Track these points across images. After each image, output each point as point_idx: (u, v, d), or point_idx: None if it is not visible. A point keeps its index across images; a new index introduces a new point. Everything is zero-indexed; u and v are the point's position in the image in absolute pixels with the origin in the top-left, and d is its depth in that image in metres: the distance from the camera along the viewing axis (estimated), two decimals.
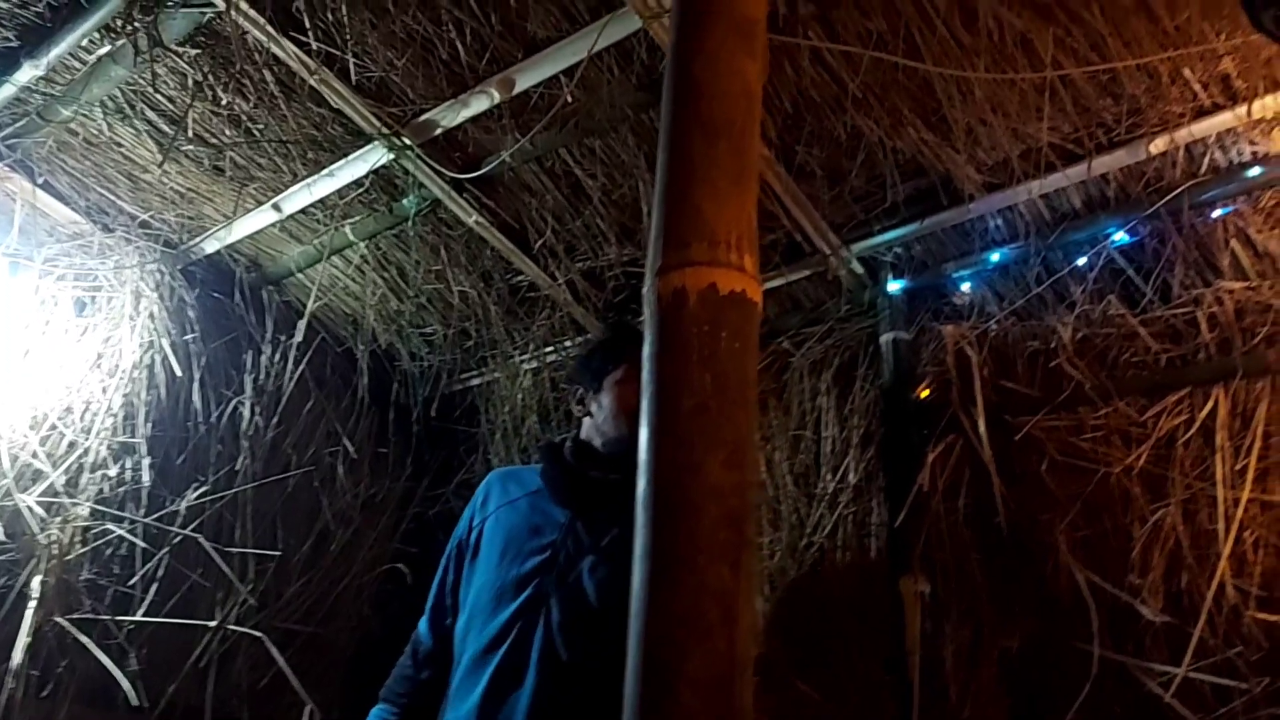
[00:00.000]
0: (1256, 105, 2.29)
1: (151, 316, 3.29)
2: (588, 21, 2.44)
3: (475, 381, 3.90)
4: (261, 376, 3.46)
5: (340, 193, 3.10)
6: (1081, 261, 2.74)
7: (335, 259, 3.43)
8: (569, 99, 2.61)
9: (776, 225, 2.94)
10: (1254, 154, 2.45)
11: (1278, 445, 2.32)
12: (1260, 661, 2.20)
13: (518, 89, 2.63)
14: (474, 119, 2.77)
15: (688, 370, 0.87)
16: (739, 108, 0.99)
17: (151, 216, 3.28)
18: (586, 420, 2.09)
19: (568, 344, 3.58)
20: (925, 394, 2.87)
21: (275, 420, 3.47)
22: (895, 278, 3.00)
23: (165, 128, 2.88)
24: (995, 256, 2.87)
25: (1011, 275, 2.89)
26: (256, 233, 3.33)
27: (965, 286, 2.98)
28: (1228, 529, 2.29)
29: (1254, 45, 2.17)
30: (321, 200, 3.13)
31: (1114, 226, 2.68)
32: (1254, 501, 2.30)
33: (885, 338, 2.94)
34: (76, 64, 2.67)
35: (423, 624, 2.12)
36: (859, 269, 3.04)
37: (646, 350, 0.91)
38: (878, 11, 2.28)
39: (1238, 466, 2.34)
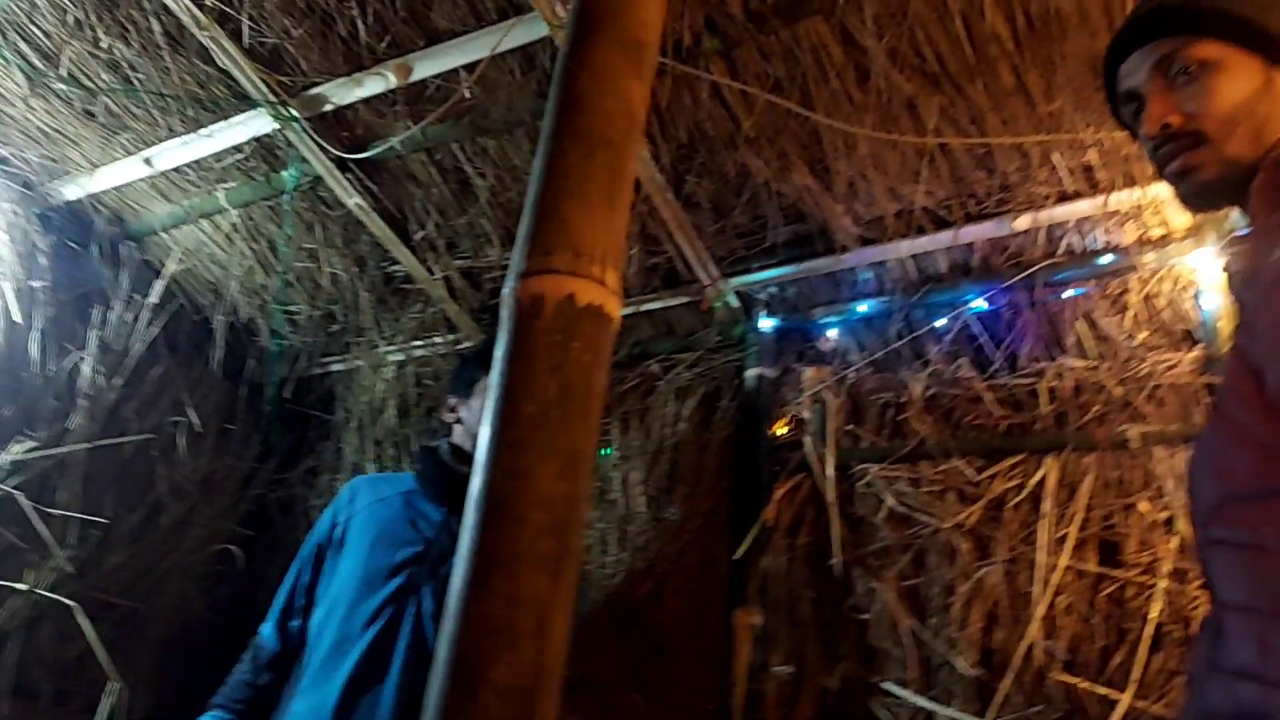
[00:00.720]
0: (1114, 198, 2.45)
1: None
2: (494, 21, 2.43)
3: (336, 367, 3.80)
4: (110, 335, 3.29)
5: (217, 155, 3.00)
6: (940, 323, 2.86)
7: (204, 223, 3.30)
8: (467, 94, 2.59)
9: (660, 250, 2.98)
10: (1107, 243, 2.62)
11: (1096, 519, 2.46)
12: None
13: (415, 76, 2.60)
14: (367, 100, 2.72)
15: (535, 377, 0.87)
16: (619, 127, 1.00)
17: (11, 153, 3.09)
18: (458, 427, 2.10)
19: (437, 340, 3.53)
20: (781, 431, 2.94)
21: (118, 381, 3.30)
22: (768, 315, 3.08)
23: (37, 62, 2.73)
24: (862, 307, 2.98)
25: (875, 327, 2.99)
26: (123, 185, 3.18)
27: (831, 333, 3.08)
28: (1043, 592, 2.42)
29: (1118, 141, 2.32)
30: (197, 161, 3.02)
31: (973, 294, 2.81)
32: (1070, 569, 2.43)
33: (751, 373, 3.01)
34: None
35: (266, 628, 2.05)
36: (734, 302, 3.10)
37: (498, 352, 0.91)
38: (778, 57, 2.35)
39: (1059, 534, 2.47)
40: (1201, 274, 2.48)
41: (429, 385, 3.66)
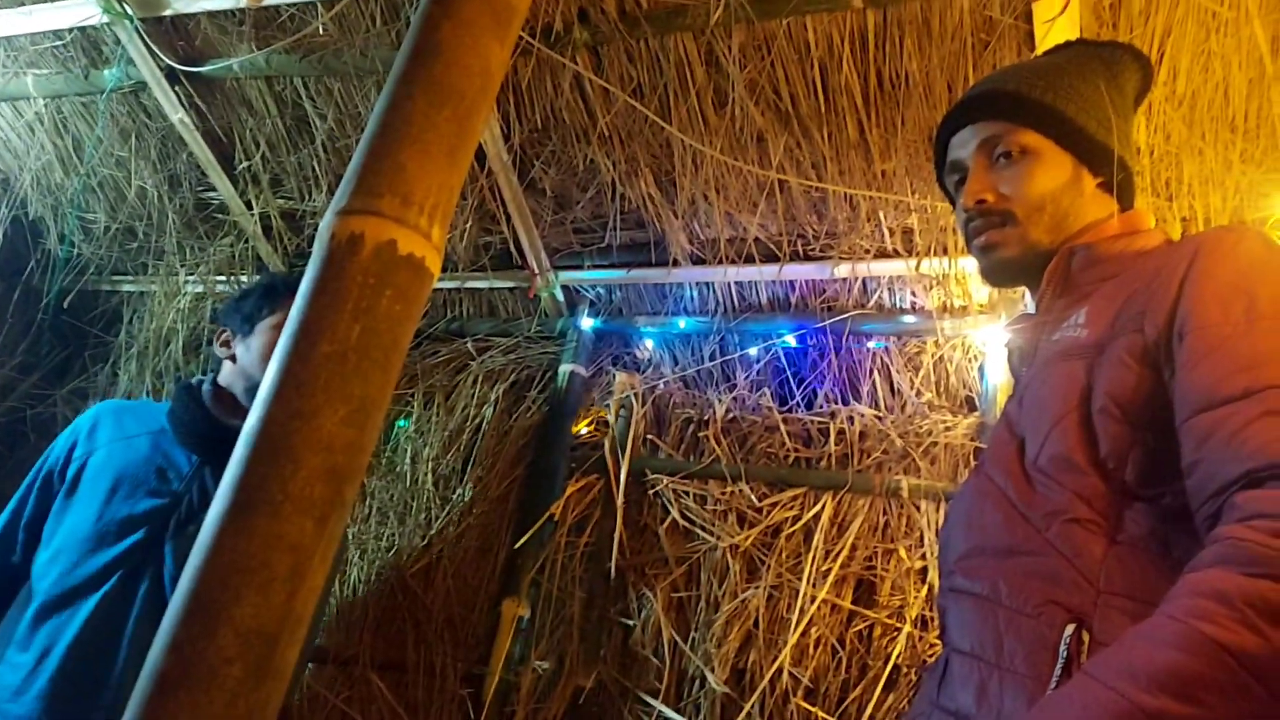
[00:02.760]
0: (926, 262, 2.60)
1: None
2: None
3: (128, 288, 3.54)
4: None
5: (33, 38, 2.75)
6: (752, 351, 2.96)
7: (3, 106, 3.01)
8: (320, 30, 2.48)
9: (495, 229, 2.94)
10: (912, 304, 2.78)
11: (859, 558, 2.59)
12: None
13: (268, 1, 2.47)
14: (212, 14, 2.57)
15: (338, 317, 0.83)
16: (474, 84, 0.97)
17: None
18: (229, 365, 1.96)
19: (243, 278, 3.35)
20: (584, 430, 2.96)
21: None
22: (590, 314, 3.09)
23: None
24: (682, 323, 3.04)
25: (691, 344, 3.06)
26: None
27: (649, 343, 3.12)
28: (799, 621, 2.53)
29: (938, 211, 2.47)
30: (7, 38, 2.75)
31: (786, 329, 2.92)
32: (827, 603, 2.55)
33: (564, 368, 3.01)
34: None
35: None
36: (559, 296, 3.10)
37: (303, 287, 0.87)
38: (643, 63, 2.37)
39: (824, 568, 2.59)
40: (989, 347, 2.66)
41: (216, 326, 3.46)
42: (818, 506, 2.66)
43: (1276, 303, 0.95)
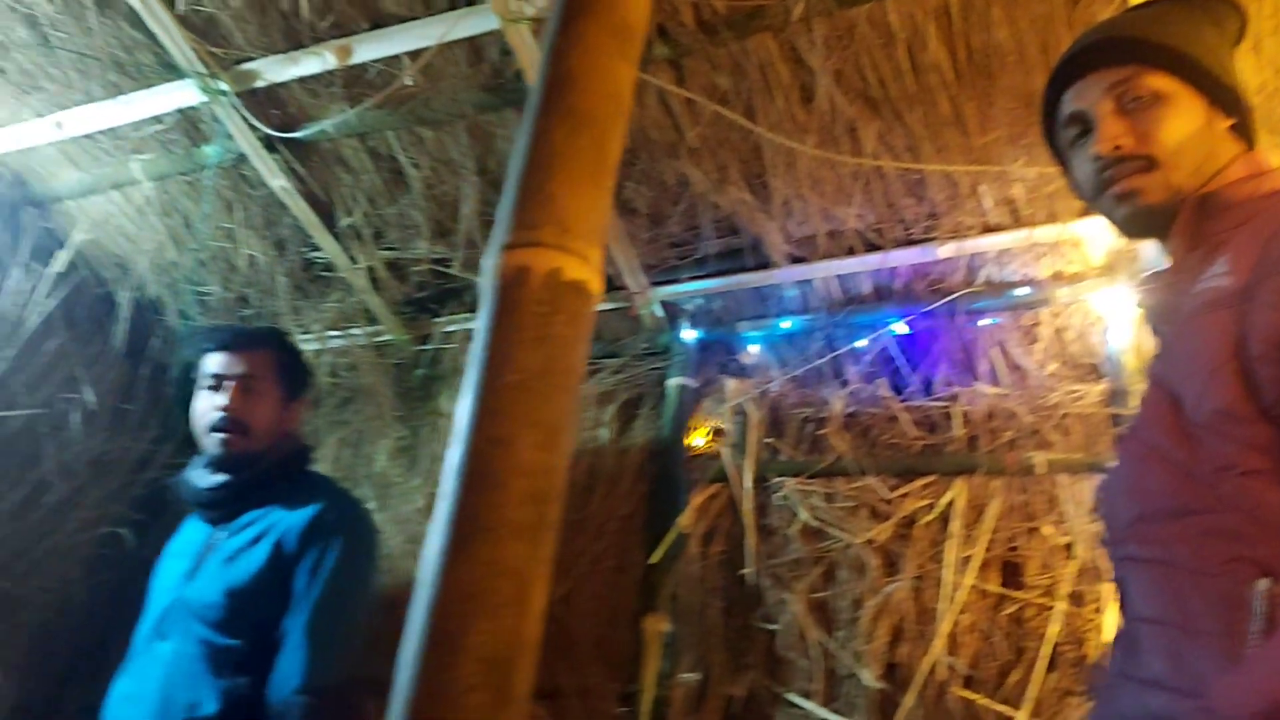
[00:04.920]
0: (1035, 232, 2.55)
1: None
2: (444, 9, 2.40)
3: None
4: (5, 302, 3.12)
5: (136, 125, 2.88)
6: (861, 343, 2.93)
7: (114, 193, 3.16)
8: (409, 82, 2.55)
9: None
10: (1024, 275, 2.72)
11: (1001, 540, 2.54)
12: None
13: (355, 59, 2.55)
14: (302, 79, 2.66)
15: (518, 348, 0.86)
16: (607, 107, 1.00)
17: None
18: None
19: (355, 331, 3.45)
20: (700, 441, 2.97)
21: (10, 352, 3.13)
22: (691, 326, 3.10)
23: None
24: (786, 324, 3.03)
25: (797, 344, 3.04)
26: (30, 148, 3.02)
27: (754, 347, 3.12)
28: (947, 610, 2.49)
29: (1044, 178, 2.42)
30: (112, 128, 2.89)
31: (894, 317, 2.89)
32: (974, 588, 2.51)
33: (673, 382, 3.02)
34: None
35: None
36: (660, 312, 3.12)
37: (480, 324, 0.90)
38: (726, 70, 2.38)
39: (965, 555, 2.54)
40: (1110, 311, 2.59)
41: (343, 377, 3.58)
42: (950, 493, 2.62)
43: None
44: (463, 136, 2.76)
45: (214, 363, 2.12)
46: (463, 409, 0.86)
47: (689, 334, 3.10)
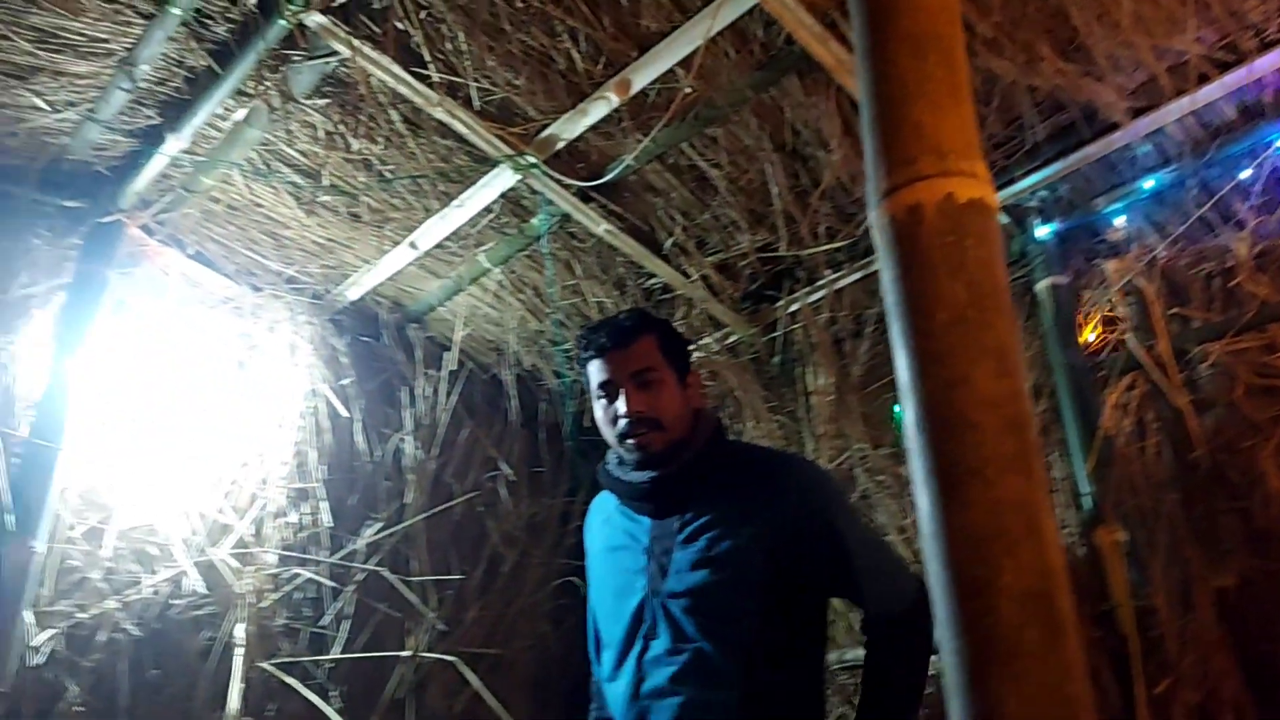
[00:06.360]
0: None
1: (308, 367, 3.41)
2: (700, 8, 2.43)
3: None
4: (418, 412, 3.55)
5: (472, 221, 3.15)
6: (1244, 175, 2.59)
7: (473, 288, 3.49)
8: (688, 90, 2.60)
9: None
10: None
11: None
12: None
13: (635, 89, 2.64)
14: (594, 127, 2.78)
15: (939, 285, 0.84)
16: (942, 20, 0.95)
17: (296, 271, 3.39)
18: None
19: (706, 340, 3.57)
20: (1094, 336, 2.75)
21: (435, 451, 3.55)
22: (1043, 222, 2.89)
23: (301, 182, 2.98)
24: (1149, 184, 2.74)
25: (1168, 201, 2.75)
26: (395, 273, 3.41)
27: (1119, 221, 2.85)
28: None
29: None
30: (455, 232, 3.19)
31: (1275, 133, 2.53)
32: None
33: (1041, 285, 2.83)
34: (214, 132, 2.77)
35: (593, 664, 2.14)
36: (1003, 219, 2.94)
37: (887, 276, 0.88)
38: None
39: None
40: None
41: (707, 387, 3.70)
42: None
43: None
44: (751, 121, 2.77)
45: (599, 370, 1.96)
46: (899, 364, 0.85)
47: (1042, 231, 2.89)
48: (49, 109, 2.61)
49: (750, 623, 1.78)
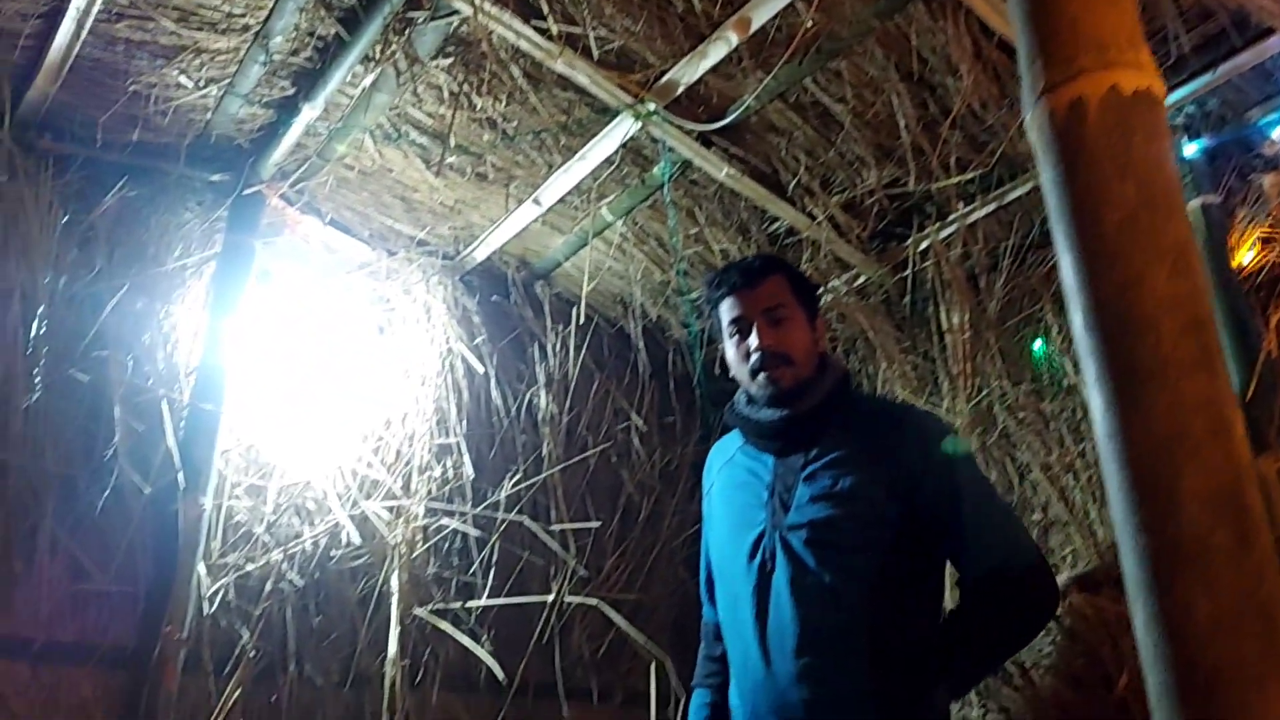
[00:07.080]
0: None
1: (443, 327, 3.51)
2: None
3: None
4: (551, 367, 3.62)
5: (594, 174, 3.16)
6: None
7: (597, 242, 3.51)
8: (810, 24, 2.54)
9: None
10: None
11: None
12: None
13: (755, 26, 2.59)
14: (713, 69, 2.75)
15: (1104, 183, 0.80)
16: None
17: (427, 233, 3.48)
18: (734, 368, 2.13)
19: (835, 283, 3.52)
20: (1251, 256, 2.60)
21: (567, 404, 3.62)
22: (1191, 139, 2.73)
23: (428, 144, 3.04)
24: None
25: None
26: (521, 231, 3.45)
27: (1277, 133, 2.67)
28: None
29: None
30: (577, 186, 3.21)
31: None
32: None
33: (1193, 204, 2.67)
34: (344, 99, 2.85)
35: (705, 603, 2.28)
36: None
37: (1048, 180, 0.85)
38: None
39: None
40: None
41: (836, 329, 3.66)
42: None
43: None
44: (876, 51, 2.69)
45: (731, 308, 2.02)
46: (1065, 267, 0.82)
47: (1190, 149, 2.73)
48: (192, 85, 2.73)
49: (869, 557, 1.81)
